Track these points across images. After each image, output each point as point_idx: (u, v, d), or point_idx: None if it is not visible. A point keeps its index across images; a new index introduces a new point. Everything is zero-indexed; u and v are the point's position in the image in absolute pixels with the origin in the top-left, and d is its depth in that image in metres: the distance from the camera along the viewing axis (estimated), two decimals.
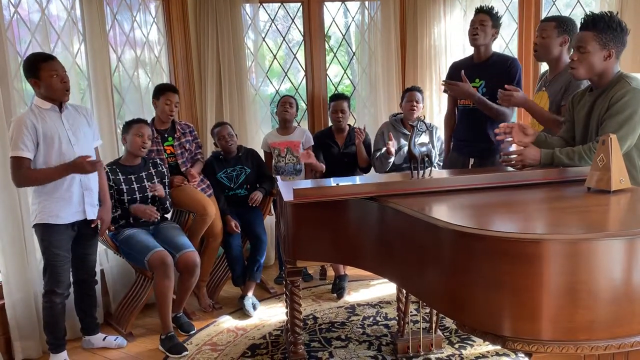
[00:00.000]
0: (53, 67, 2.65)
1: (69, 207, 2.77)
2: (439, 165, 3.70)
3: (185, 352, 3.00)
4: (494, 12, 3.28)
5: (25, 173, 2.65)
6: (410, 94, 3.72)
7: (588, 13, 2.29)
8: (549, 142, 2.47)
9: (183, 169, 3.51)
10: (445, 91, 3.49)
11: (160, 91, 3.47)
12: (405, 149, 3.52)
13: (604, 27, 2.21)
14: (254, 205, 3.66)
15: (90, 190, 2.86)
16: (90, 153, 2.88)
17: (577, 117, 2.44)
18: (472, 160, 3.42)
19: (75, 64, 3.35)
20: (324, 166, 3.78)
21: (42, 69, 2.64)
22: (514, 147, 2.51)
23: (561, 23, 2.79)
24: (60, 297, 2.83)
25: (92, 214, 2.87)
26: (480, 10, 3.30)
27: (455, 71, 3.41)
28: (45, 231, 2.76)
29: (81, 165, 2.65)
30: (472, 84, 3.28)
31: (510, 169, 2.42)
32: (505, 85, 2.79)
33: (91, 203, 2.87)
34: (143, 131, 3.18)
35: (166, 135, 3.52)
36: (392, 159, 3.61)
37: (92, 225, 2.90)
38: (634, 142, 2.25)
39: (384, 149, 3.62)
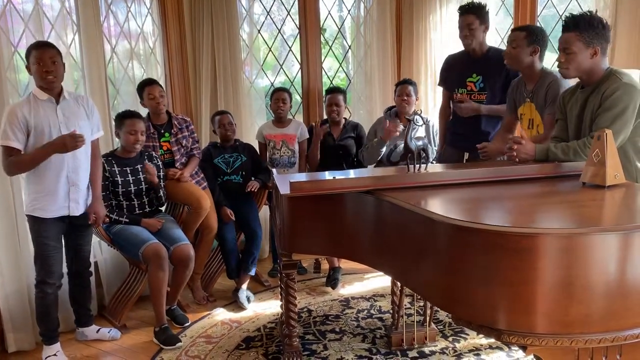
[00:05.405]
0: (39, 55, 2.63)
1: (55, 202, 2.76)
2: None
3: (180, 344, 3.00)
4: (478, 8, 3.20)
5: (12, 160, 2.64)
6: (401, 87, 3.66)
7: (571, 13, 2.34)
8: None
9: (177, 166, 3.50)
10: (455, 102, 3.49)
11: (141, 89, 3.46)
12: (402, 145, 3.50)
13: (585, 26, 2.25)
14: (250, 190, 3.65)
15: (76, 186, 2.81)
16: (85, 146, 2.87)
17: (570, 115, 2.47)
18: (466, 155, 3.44)
19: (69, 54, 3.32)
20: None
21: (30, 56, 2.64)
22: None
23: (531, 33, 2.80)
24: (51, 288, 2.82)
25: (75, 210, 2.84)
26: (464, 11, 3.22)
27: (451, 64, 3.42)
28: (34, 222, 2.77)
29: (61, 140, 2.61)
30: (469, 79, 3.30)
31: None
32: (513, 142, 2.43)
33: (76, 200, 2.83)
34: (136, 127, 3.15)
35: (163, 131, 3.50)
36: (384, 147, 3.55)
37: (90, 222, 2.89)
38: (627, 137, 2.28)
39: (375, 140, 3.60)
